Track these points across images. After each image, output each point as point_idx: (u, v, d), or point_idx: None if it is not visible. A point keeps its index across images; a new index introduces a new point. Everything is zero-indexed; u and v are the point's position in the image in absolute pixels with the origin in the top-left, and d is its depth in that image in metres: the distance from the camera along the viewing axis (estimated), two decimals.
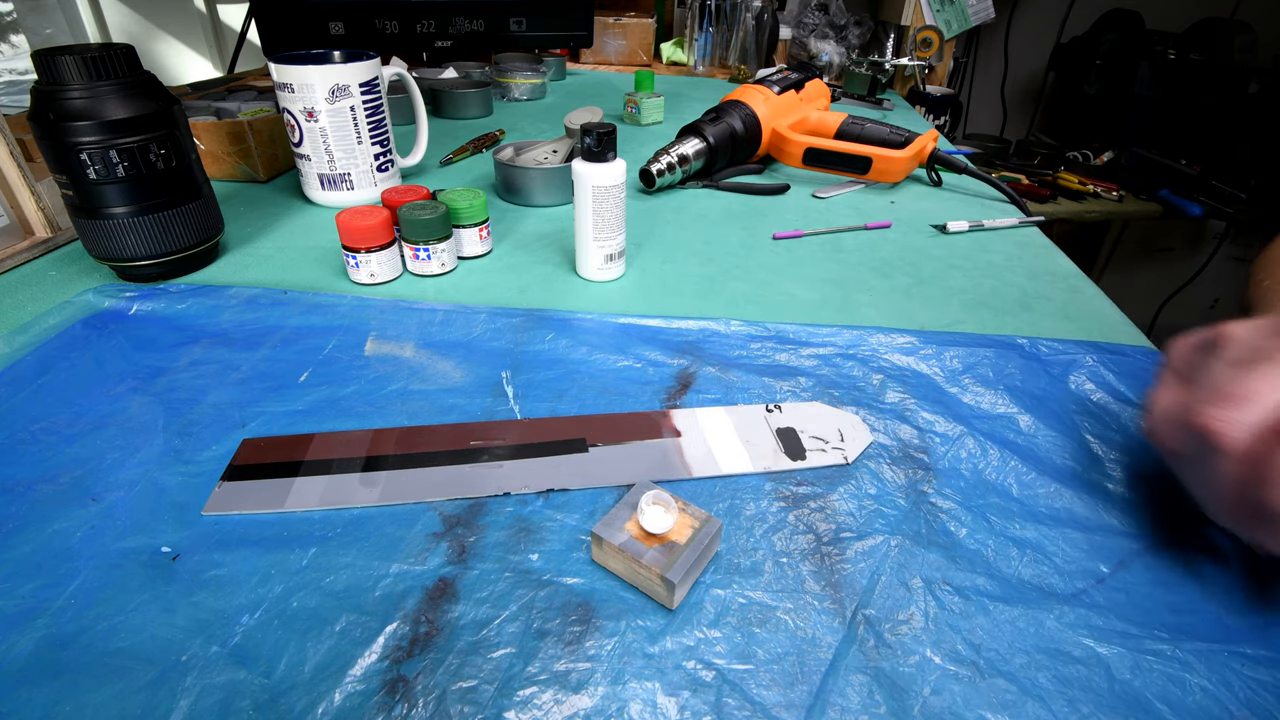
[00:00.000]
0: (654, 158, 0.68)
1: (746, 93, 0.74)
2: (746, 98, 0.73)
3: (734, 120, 0.71)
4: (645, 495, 0.28)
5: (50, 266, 0.51)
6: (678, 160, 0.69)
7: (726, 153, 0.71)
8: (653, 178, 0.67)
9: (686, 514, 0.28)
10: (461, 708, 0.23)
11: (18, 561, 0.27)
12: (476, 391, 0.38)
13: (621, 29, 1.42)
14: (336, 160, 0.60)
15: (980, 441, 0.36)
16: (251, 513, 0.30)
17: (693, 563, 0.26)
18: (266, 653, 0.24)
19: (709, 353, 0.43)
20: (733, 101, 0.73)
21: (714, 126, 0.70)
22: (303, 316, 0.45)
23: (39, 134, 0.42)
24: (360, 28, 0.96)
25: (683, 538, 0.27)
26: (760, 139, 0.73)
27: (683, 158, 0.69)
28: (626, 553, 0.26)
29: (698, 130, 0.70)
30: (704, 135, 0.70)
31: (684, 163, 0.69)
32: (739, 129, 0.71)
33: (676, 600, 0.26)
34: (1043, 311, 0.49)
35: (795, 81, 0.78)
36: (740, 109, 0.72)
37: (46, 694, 0.23)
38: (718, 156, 0.71)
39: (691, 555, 0.26)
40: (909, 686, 0.24)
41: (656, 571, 0.26)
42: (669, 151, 0.69)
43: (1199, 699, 0.24)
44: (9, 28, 1.71)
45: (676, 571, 0.26)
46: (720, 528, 0.28)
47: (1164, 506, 0.32)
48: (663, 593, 0.26)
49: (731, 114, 0.71)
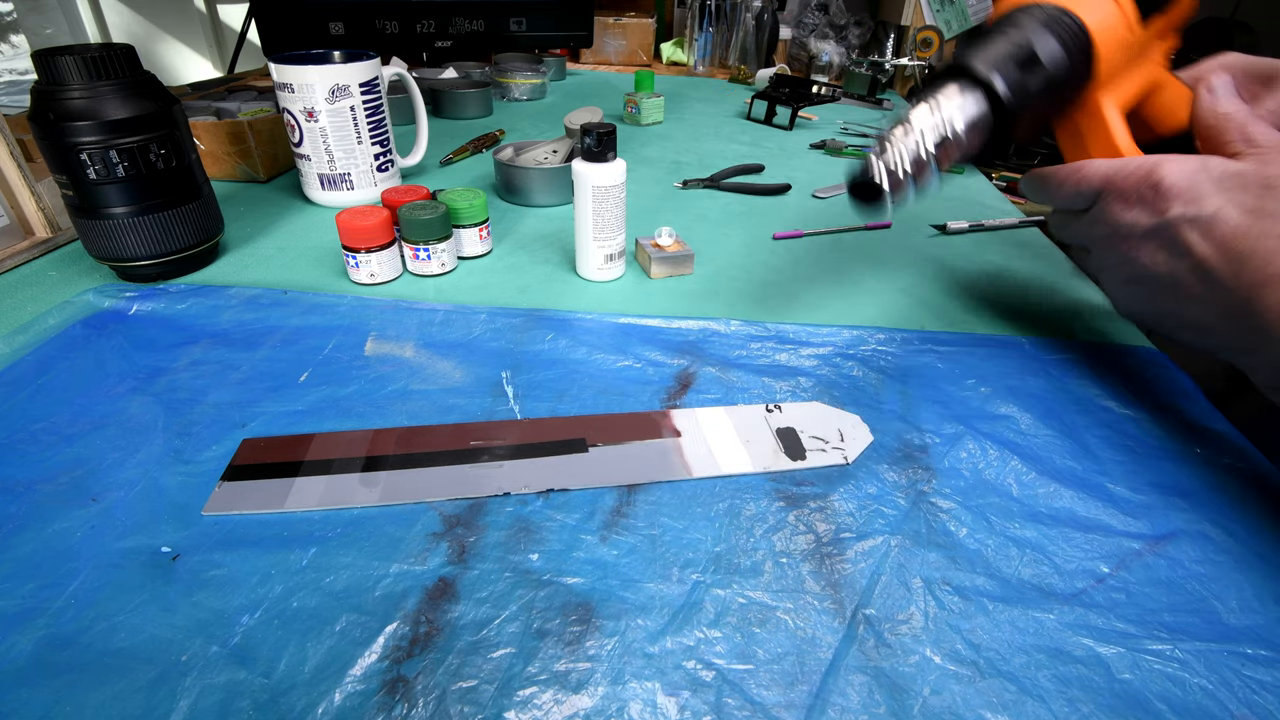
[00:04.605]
0: (882, 142, 0.34)
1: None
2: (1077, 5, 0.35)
3: (1046, 47, 0.34)
4: (662, 229, 0.53)
5: (50, 267, 0.51)
6: (935, 146, 0.33)
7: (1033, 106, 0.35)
8: (880, 194, 0.33)
9: (678, 242, 0.53)
10: (461, 708, 0.23)
11: (18, 561, 0.27)
12: (476, 391, 0.38)
13: (621, 29, 1.42)
14: (336, 160, 0.60)
15: (980, 441, 0.36)
16: (251, 513, 0.30)
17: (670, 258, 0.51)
18: (266, 653, 0.24)
19: (709, 353, 0.43)
20: (1043, 9, 0.35)
21: (1007, 57, 0.34)
22: (303, 316, 0.45)
23: (39, 134, 0.42)
24: (360, 28, 0.96)
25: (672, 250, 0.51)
26: (1077, 91, 0.37)
27: (946, 141, 0.33)
28: (646, 249, 0.51)
29: (964, 71, 0.34)
30: (981, 78, 0.33)
31: (951, 151, 0.34)
32: (1061, 65, 0.34)
33: (654, 273, 0.50)
34: (1043, 311, 0.49)
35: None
36: (1059, 21, 0.34)
37: (46, 694, 0.23)
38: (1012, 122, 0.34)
39: (671, 254, 0.51)
40: (909, 686, 0.24)
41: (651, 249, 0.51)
42: (908, 125, 0.34)
43: (1199, 699, 0.24)
44: (9, 28, 1.71)
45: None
46: (692, 256, 0.52)
47: (1165, 506, 0.32)
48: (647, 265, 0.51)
49: (1037, 32, 0.34)
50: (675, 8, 1.55)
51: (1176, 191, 0.32)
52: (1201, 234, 0.31)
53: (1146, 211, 0.33)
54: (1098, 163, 0.36)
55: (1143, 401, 0.39)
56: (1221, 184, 0.31)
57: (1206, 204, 0.31)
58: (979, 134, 0.34)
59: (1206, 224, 0.31)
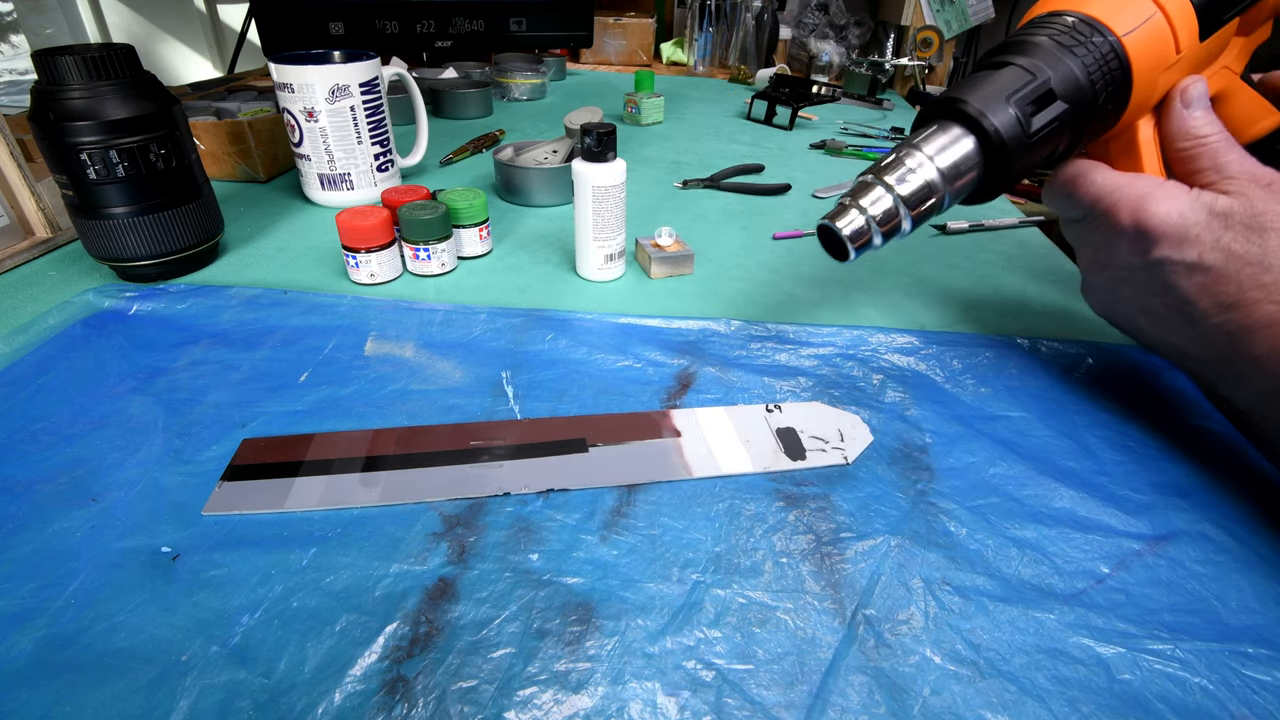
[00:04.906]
0: (851, 197, 0.32)
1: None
2: (1112, 15, 0.29)
3: (1072, 70, 0.29)
4: (662, 229, 0.53)
5: (50, 266, 0.51)
6: (900, 203, 0.31)
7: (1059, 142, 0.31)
8: (846, 249, 0.32)
9: (678, 242, 0.53)
10: (461, 708, 0.23)
11: (18, 561, 0.27)
12: (476, 391, 0.38)
13: (621, 29, 1.42)
14: (336, 160, 0.60)
15: (980, 441, 0.36)
16: (251, 513, 0.30)
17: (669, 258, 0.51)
18: (266, 653, 0.24)
19: (709, 353, 0.43)
20: (1070, 20, 0.30)
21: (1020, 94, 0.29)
22: (303, 316, 0.45)
23: (39, 134, 0.42)
24: (360, 28, 0.96)
25: (672, 249, 0.52)
26: (1125, 105, 0.31)
27: (918, 195, 0.30)
28: (646, 249, 0.52)
29: (962, 116, 0.30)
30: (987, 130, 0.29)
31: (922, 203, 0.31)
32: (1090, 102, 0.30)
33: (654, 273, 0.51)
34: (1043, 311, 0.49)
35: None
36: (1094, 48, 0.29)
37: (46, 694, 0.23)
38: (1012, 164, 0.30)
39: (671, 254, 0.52)
40: (909, 686, 0.24)
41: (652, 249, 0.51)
42: (884, 179, 0.31)
43: (1199, 699, 0.24)
44: (9, 28, 1.71)
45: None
46: (692, 256, 0.53)
47: (1165, 506, 0.32)
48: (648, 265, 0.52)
49: (1063, 59, 0.29)
50: (675, 8, 1.55)
51: (1163, 233, 0.31)
52: (1186, 277, 0.31)
53: (1132, 248, 0.32)
54: (1094, 178, 0.33)
55: (1143, 401, 0.39)
56: (1209, 227, 0.30)
57: (1192, 249, 0.30)
58: (967, 179, 0.30)
59: (1192, 268, 0.30)
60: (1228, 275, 0.29)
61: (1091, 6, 0.30)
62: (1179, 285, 0.31)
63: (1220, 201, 0.30)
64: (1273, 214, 0.29)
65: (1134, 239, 0.32)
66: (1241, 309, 0.29)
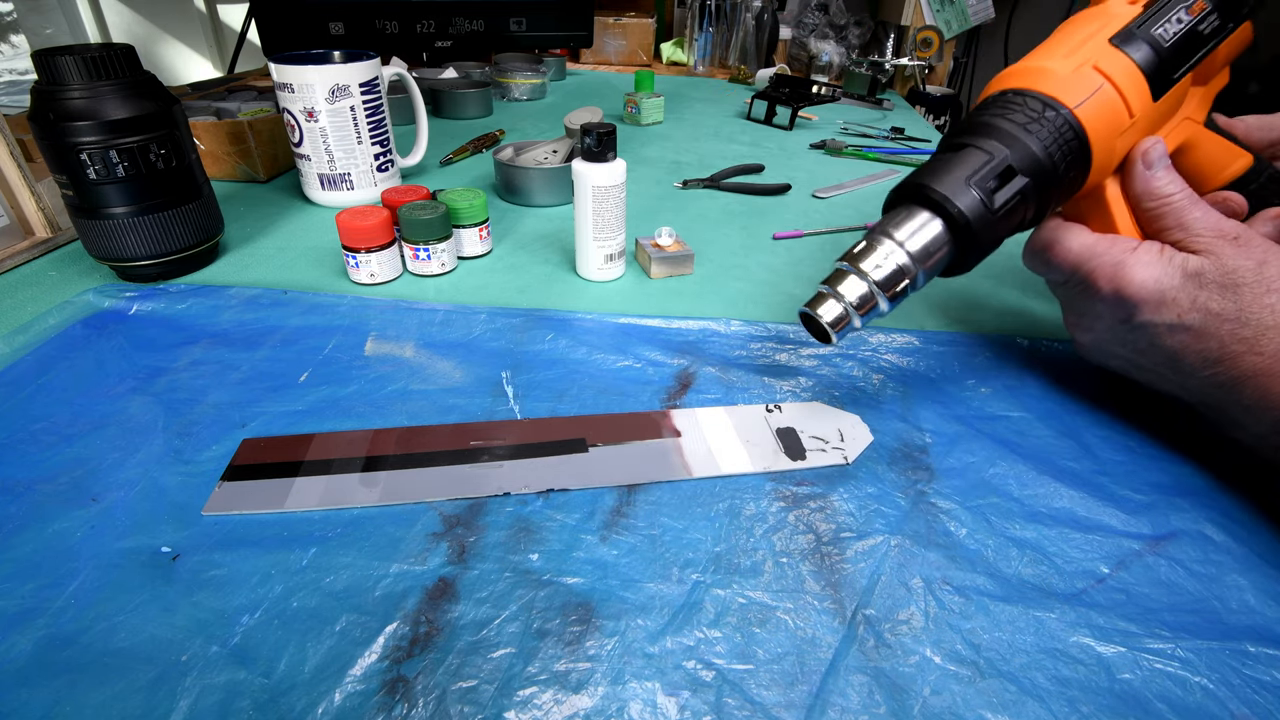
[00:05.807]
0: (829, 285, 0.32)
1: (1064, 75, 0.31)
2: (1061, 89, 0.31)
3: (1032, 151, 0.30)
4: (662, 229, 0.53)
5: (50, 266, 0.51)
6: (875, 287, 0.31)
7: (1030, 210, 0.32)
8: (828, 335, 0.32)
9: (678, 242, 0.53)
10: (461, 708, 0.23)
11: (18, 561, 0.27)
12: (476, 391, 0.38)
13: (621, 29, 1.42)
14: (336, 160, 0.60)
15: (980, 441, 0.36)
16: (251, 513, 0.30)
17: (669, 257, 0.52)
18: (266, 653, 0.24)
19: (709, 353, 0.43)
20: (1021, 97, 0.31)
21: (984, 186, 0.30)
22: (303, 316, 0.45)
23: (39, 134, 0.42)
24: (360, 28, 0.96)
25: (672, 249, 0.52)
26: (1086, 175, 0.32)
27: (891, 279, 0.31)
28: (646, 249, 0.52)
29: (928, 200, 0.31)
30: (951, 212, 0.30)
31: (895, 285, 0.31)
32: (1050, 173, 0.30)
33: (654, 273, 0.52)
34: (1043, 311, 0.49)
35: (1204, 39, 0.32)
36: (1047, 122, 0.30)
37: (46, 694, 0.23)
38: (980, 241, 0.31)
39: (671, 253, 0.52)
40: (909, 686, 0.24)
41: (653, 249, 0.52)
42: (858, 265, 0.31)
43: (1199, 698, 0.24)
44: (9, 28, 1.72)
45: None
46: (692, 256, 0.53)
47: (1165, 506, 0.32)
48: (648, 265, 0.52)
49: (1019, 137, 0.30)
50: (675, 8, 1.55)
51: (1141, 299, 0.32)
52: (1170, 336, 0.32)
53: (1114, 313, 0.33)
54: (1069, 244, 0.34)
55: (1143, 401, 0.39)
56: (1184, 289, 0.31)
57: (1170, 311, 0.31)
58: (937, 258, 0.31)
59: (1174, 328, 0.31)
60: (1208, 332, 0.30)
61: (1042, 83, 0.31)
62: (1164, 344, 0.32)
63: (1191, 262, 0.31)
64: (1242, 269, 0.30)
65: (1114, 305, 0.33)
66: (1226, 362, 0.30)
